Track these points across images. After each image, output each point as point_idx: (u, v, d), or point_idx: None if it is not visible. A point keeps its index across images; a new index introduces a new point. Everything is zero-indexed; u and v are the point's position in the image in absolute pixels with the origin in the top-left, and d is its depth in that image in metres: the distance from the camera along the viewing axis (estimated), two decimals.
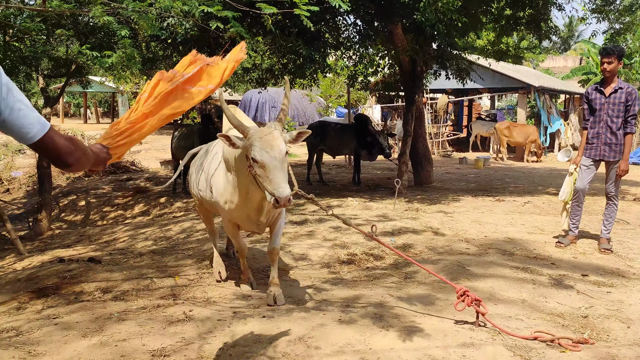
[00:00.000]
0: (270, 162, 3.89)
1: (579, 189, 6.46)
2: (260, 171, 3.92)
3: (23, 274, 6.25)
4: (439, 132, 21.35)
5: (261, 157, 3.88)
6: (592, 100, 6.41)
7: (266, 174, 3.89)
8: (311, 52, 8.80)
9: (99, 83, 28.89)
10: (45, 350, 3.86)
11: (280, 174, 3.92)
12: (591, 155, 6.42)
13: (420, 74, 11.57)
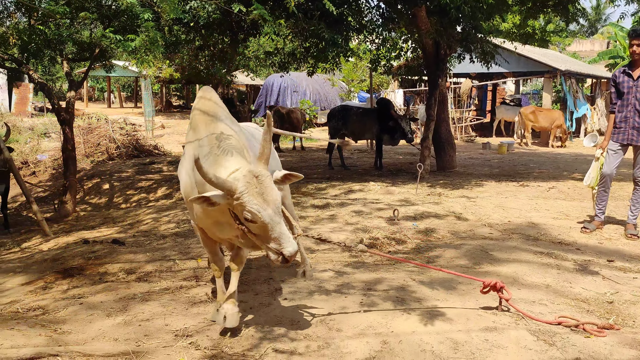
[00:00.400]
0: (272, 220, 3.20)
1: (606, 174, 6.34)
2: (258, 229, 3.23)
3: (49, 255, 6.35)
4: (462, 116, 21.13)
5: (262, 217, 3.16)
6: (620, 84, 6.28)
7: (268, 234, 3.21)
8: (333, 35, 8.73)
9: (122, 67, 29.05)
10: (70, 328, 3.92)
11: (284, 227, 3.26)
12: (619, 140, 6.30)
13: (444, 58, 11.43)
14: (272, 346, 3.56)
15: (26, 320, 4.08)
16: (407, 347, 3.50)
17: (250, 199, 3.16)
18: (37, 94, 31.52)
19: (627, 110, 6.23)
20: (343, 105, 14.29)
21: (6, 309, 4.52)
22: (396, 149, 16.67)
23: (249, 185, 3.19)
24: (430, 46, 11.20)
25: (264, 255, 3.49)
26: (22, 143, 17.72)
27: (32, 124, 21.78)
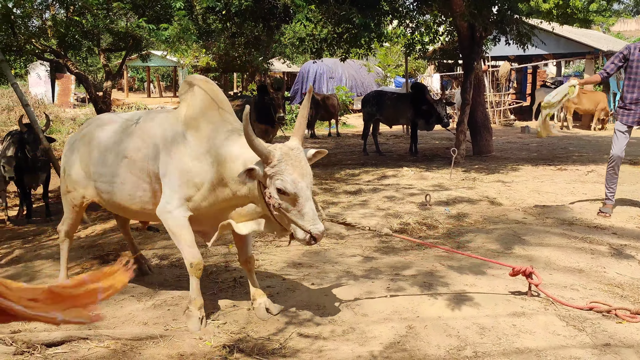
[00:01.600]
0: (304, 194, 3.26)
1: (615, 156, 6.14)
2: (287, 205, 3.26)
3: (86, 242, 6.51)
4: (500, 100, 20.74)
5: (294, 189, 3.22)
6: (632, 61, 5.98)
7: (298, 208, 3.25)
8: (365, 20, 8.65)
9: (160, 57, 29.42)
10: (103, 313, 4.01)
11: (313, 205, 3.33)
12: (627, 122, 6.11)
13: (480, 40, 11.22)
14: (297, 330, 3.58)
15: None
16: (432, 332, 3.48)
17: (286, 167, 3.23)
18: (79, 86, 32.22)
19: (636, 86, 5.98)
20: (377, 90, 14.21)
21: None
22: (433, 134, 16.48)
23: (286, 156, 3.25)
24: (465, 29, 11.00)
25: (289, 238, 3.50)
26: (64, 133, 18.15)
27: (74, 114, 22.29)
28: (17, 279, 5.47)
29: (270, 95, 10.69)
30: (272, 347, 3.38)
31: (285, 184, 3.21)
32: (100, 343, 3.37)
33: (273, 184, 3.26)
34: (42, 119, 10.13)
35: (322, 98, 17.45)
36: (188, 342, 3.45)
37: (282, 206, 3.27)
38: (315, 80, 25.87)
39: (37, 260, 6.10)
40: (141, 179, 3.91)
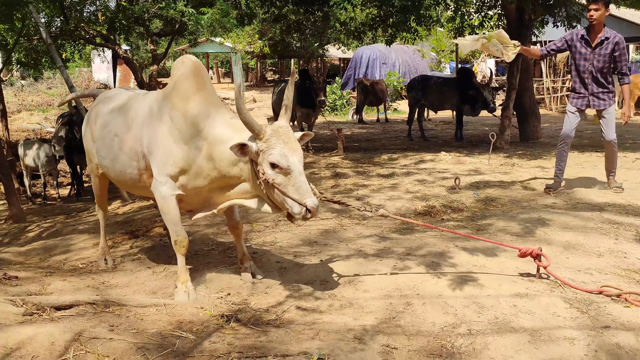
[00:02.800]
0: (297, 167, 3.36)
1: (565, 135, 6.41)
2: (282, 179, 3.34)
3: (121, 218, 6.79)
4: (556, 86, 20.10)
5: (287, 163, 3.32)
6: (574, 48, 6.21)
7: (292, 182, 3.34)
8: (405, 2, 8.56)
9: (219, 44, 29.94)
10: (117, 282, 4.21)
11: (305, 180, 3.42)
12: (577, 105, 6.33)
13: (528, 23, 10.89)
14: (296, 303, 3.64)
15: (80, 273, 4.42)
16: (429, 309, 3.48)
17: (277, 142, 3.34)
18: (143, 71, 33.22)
19: (585, 77, 6.16)
20: (423, 75, 14.05)
21: (68, 263, 4.90)
22: (483, 120, 16.16)
23: (276, 132, 3.38)
24: (513, 11, 10.72)
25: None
26: None
27: None
28: (54, 250, 5.76)
29: (312, 79, 10.77)
30: (269, 318, 3.45)
31: (278, 157, 3.30)
32: (107, 308, 3.52)
33: (266, 159, 3.34)
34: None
35: (371, 83, 17.38)
36: (189, 310, 3.57)
37: (277, 181, 3.34)
38: (368, 66, 25.74)
39: (74, 234, 6.41)
40: (130, 156, 4.02)
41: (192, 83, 3.77)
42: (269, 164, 3.34)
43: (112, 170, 4.26)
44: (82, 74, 29.18)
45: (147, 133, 3.86)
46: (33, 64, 10.56)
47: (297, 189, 3.34)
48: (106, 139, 4.21)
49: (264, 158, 3.35)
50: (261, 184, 3.43)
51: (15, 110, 21.44)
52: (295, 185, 3.34)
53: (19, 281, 4.20)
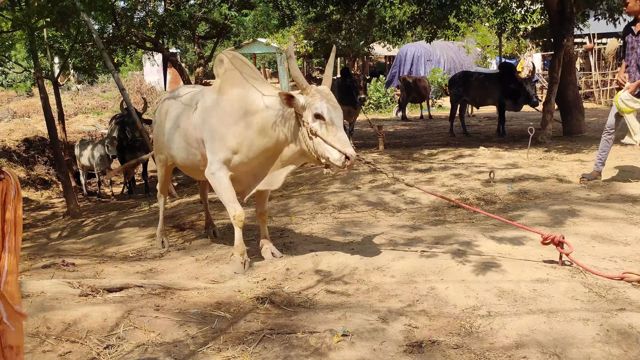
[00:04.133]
0: (337, 122, 3.82)
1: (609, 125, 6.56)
2: (324, 130, 3.78)
3: (169, 212, 7.15)
4: (606, 79, 19.70)
5: (329, 115, 3.79)
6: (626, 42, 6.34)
7: (332, 133, 3.77)
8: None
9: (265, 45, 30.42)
10: (163, 268, 4.55)
11: (345, 134, 3.87)
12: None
13: (570, 16, 10.83)
14: (326, 287, 3.89)
15: (130, 261, 4.78)
16: (452, 293, 3.66)
17: (321, 98, 3.83)
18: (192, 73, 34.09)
19: (631, 66, 6.19)
20: (464, 71, 14.06)
21: (120, 253, 5.28)
22: (528, 115, 16.03)
23: (320, 91, 3.89)
24: (555, 5, 10.69)
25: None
26: None
27: None
28: (107, 242, 6.17)
29: (353, 77, 10.98)
30: (300, 300, 3.71)
31: (322, 109, 3.79)
32: (153, 290, 3.85)
33: (310, 111, 3.81)
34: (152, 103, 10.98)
35: (414, 80, 17.46)
36: (227, 293, 3.86)
37: (319, 131, 3.79)
38: (413, 63, 25.77)
39: (126, 227, 6.81)
40: (191, 144, 4.53)
41: (234, 70, 4.31)
42: (313, 115, 3.80)
43: (180, 158, 4.79)
44: (134, 77, 30.12)
45: (203, 121, 4.37)
46: (87, 68, 11.15)
47: (338, 139, 3.76)
48: (174, 130, 4.74)
49: (309, 111, 3.81)
50: (305, 137, 3.87)
51: (72, 113, 22.39)
52: (336, 135, 3.77)
53: (75, 267, 4.59)
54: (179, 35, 11.66)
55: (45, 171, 13.45)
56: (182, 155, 4.73)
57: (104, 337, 3.09)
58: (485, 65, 24.61)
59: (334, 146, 3.75)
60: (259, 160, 4.22)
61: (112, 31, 11.19)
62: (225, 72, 4.37)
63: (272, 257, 4.53)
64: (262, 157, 4.19)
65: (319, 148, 3.83)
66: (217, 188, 4.37)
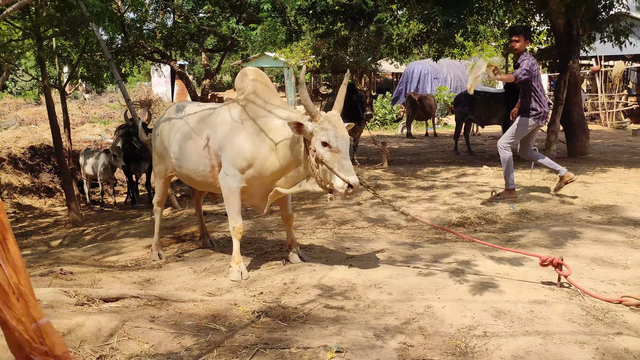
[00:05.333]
0: (344, 148, 3.98)
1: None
2: (330, 157, 3.94)
3: (170, 223, 7.16)
4: (612, 102, 19.71)
5: (336, 143, 3.94)
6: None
7: (338, 160, 3.94)
8: (447, 19, 8.74)
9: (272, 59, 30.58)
10: (161, 279, 4.54)
11: (350, 161, 4.04)
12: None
13: (577, 38, 10.85)
14: (323, 302, 3.88)
15: (128, 271, 4.78)
16: (448, 312, 3.65)
17: (329, 125, 3.98)
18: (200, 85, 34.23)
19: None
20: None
21: (119, 263, 5.28)
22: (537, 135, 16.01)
23: (328, 118, 4.04)
24: (561, 26, 10.72)
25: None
26: None
27: None
28: (107, 252, 6.18)
29: (358, 93, 11.02)
30: (297, 315, 3.70)
31: (329, 137, 3.93)
32: (149, 302, 3.85)
33: (318, 139, 3.96)
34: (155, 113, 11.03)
35: (419, 98, 17.51)
36: (224, 306, 3.85)
37: (325, 158, 3.95)
38: (420, 81, 25.83)
39: (127, 237, 6.82)
40: (203, 156, 4.66)
41: (255, 87, 4.50)
42: (321, 142, 3.95)
43: (188, 170, 4.87)
44: (142, 88, 30.31)
45: (220, 133, 4.55)
46: (95, 78, 11.23)
47: (342, 167, 3.93)
48: (183, 142, 4.85)
49: (317, 138, 3.96)
50: (311, 162, 4.04)
51: (79, 122, 22.51)
52: (340, 163, 3.93)
53: (73, 276, 4.59)
54: (187, 48, 11.74)
55: (49, 179, 13.51)
56: (191, 167, 4.81)
57: (97, 347, 3.09)
58: (492, 85, 24.63)
59: (338, 174, 3.93)
60: (271, 177, 4.41)
61: (120, 42, 11.27)
62: (248, 88, 4.56)
63: (300, 262, 4.70)
64: (274, 174, 4.39)
65: (324, 175, 4.02)
66: (227, 196, 4.54)
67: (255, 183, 4.50)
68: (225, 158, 4.51)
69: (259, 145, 4.34)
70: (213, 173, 4.68)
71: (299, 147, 4.17)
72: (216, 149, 4.59)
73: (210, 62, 12.16)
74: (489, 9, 10.51)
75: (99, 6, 7.22)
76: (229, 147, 4.48)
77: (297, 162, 4.26)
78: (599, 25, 10.51)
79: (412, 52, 12.45)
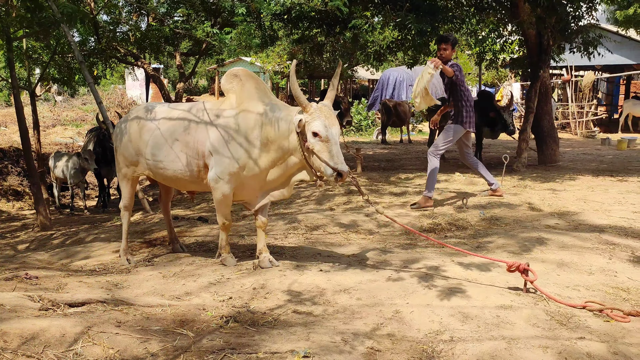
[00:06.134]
0: (333, 137, 4.13)
1: None
2: (321, 146, 4.11)
3: (140, 228, 7.09)
4: (582, 111, 20.06)
5: (326, 132, 4.09)
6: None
7: (328, 149, 4.11)
8: (421, 26, 8.82)
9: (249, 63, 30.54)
10: (129, 284, 4.49)
11: (340, 150, 4.18)
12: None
13: (547, 49, 11.04)
14: (292, 308, 3.87)
15: (96, 275, 4.72)
16: (416, 317, 3.67)
17: (319, 115, 4.13)
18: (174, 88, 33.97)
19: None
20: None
21: (87, 267, 5.21)
22: (506, 143, 16.27)
23: (319, 109, 4.17)
24: (532, 37, 10.89)
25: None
26: None
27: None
28: (75, 256, 6.10)
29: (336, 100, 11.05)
30: (265, 320, 3.69)
31: (319, 127, 4.08)
32: (116, 306, 3.80)
33: (309, 129, 4.11)
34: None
35: (394, 105, 17.62)
36: (192, 311, 3.82)
37: (316, 148, 4.11)
38: (395, 88, 25.96)
39: (96, 241, 6.74)
40: (192, 156, 4.69)
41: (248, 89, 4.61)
42: (312, 132, 4.10)
43: (170, 170, 4.87)
44: (116, 91, 30.03)
45: (211, 135, 4.60)
46: (66, 80, 11.08)
47: (332, 156, 4.10)
48: (164, 143, 4.84)
49: (308, 128, 4.12)
50: (303, 151, 4.20)
51: (50, 124, 22.21)
52: (331, 152, 4.09)
53: (38, 280, 4.52)
54: (161, 51, 11.66)
55: (18, 182, 13.27)
56: (175, 167, 4.82)
57: (61, 353, 3.04)
58: None
59: (327, 163, 4.09)
60: (267, 170, 4.55)
61: (93, 44, 11.15)
62: (240, 88, 4.63)
63: (270, 265, 4.74)
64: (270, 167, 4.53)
65: (314, 163, 4.18)
66: (219, 198, 4.69)
67: (248, 182, 4.63)
68: (219, 162, 4.57)
69: (252, 147, 4.48)
70: (200, 174, 4.76)
71: (293, 137, 4.29)
72: (207, 149, 4.64)
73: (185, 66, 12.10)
74: (462, 17, 10.61)
75: (70, 7, 7.13)
76: (223, 151, 4.55)
77: (289, 153, 4.39)
78: (569, 36, 10.70)
79: (387, 59, 12.48)
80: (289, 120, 4.28)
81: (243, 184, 4.64)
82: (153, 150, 4.93)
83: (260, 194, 4.74)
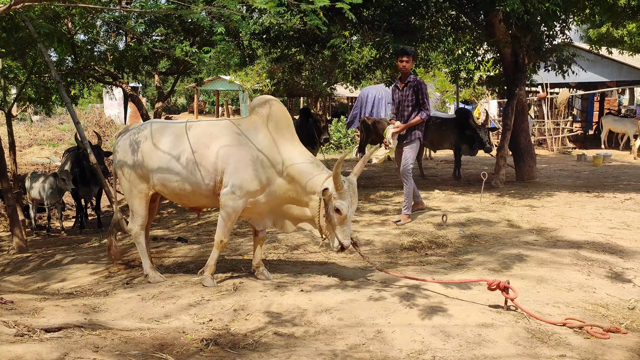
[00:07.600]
0: (351, 216, 4.54)
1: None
2: (337, 220, 4.48)
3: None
4: (558, 128, 20.35)
5: (347, 212, 4.46)
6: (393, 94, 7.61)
7: (342, 225, 4.50)
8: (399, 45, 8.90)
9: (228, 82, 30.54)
10: (107, 307, 4.41)
11: (351, 226, 4.61)
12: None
13: (523, 66, 11.20)
14: (273, 329, 3.84)
15: (73, 299, 4.64)
16: (398, 337, 3.66)
17: (346, 195, 4.48)
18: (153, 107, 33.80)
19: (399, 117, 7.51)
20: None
21: (64, 290, 5.12)
22: (484, 160, 16.39)
23: (349, 188, 4.51)
24: (508, 55, 11.06)
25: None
26: None
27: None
28: (52, 279, 6.00)
29: (314, 118, 11.09)
30: (246, 342, 3.65)
31: (343, 207, 4.45)
32: (93, 331, 3.74)
33: (335, 204, 4.45)
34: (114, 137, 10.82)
35: (373, 122, 17.66)
36: (172, 334, 3.77)
37: (333, 220, 4.50)
38: (374, 105, 26.12)
39: (73, 264, 6.64)
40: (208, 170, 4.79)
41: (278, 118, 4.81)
42: (335, 208, 4.45)
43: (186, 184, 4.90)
44: (94, 110, 29.80)
45: (232, 154, 4.75)
46: (43, 100, 10.96)
47: (342, 231, 4.52)
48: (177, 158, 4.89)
49: (333, 202, 4.45)
50: (320, 215, 4.57)
51: (27, 144, 21.95)
52: (342, 227, 4.51)
53: (14, 305, 4.42)
54: (140, 70, 11.60)
55: None
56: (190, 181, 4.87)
57: None
58: (444, 110, 25.17)
59: (337, 236, 4.51)
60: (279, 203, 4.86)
61: (70, 63, 11.06)
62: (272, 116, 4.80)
63: (266, 279, 4.96)
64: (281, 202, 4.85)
65: (324, 227, 4.58)
66: (228, 214, 4.80)
67: (261, 204, 4.85)
68: (238, 179, 4.71)
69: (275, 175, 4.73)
70: (215, 189, 4.85)
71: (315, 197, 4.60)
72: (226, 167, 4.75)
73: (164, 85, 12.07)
74: (439, 37, 10.75)
75: (47, 27, 7.08)
76: (242, 169, 4.71)
77: (304, 203, 4.73)
78: (544, 54, 10.88)
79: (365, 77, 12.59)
80: (317, 184, 4.56)
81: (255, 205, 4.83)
82: (169, 165, 4.91)
83: (268, 217, 5.01)
